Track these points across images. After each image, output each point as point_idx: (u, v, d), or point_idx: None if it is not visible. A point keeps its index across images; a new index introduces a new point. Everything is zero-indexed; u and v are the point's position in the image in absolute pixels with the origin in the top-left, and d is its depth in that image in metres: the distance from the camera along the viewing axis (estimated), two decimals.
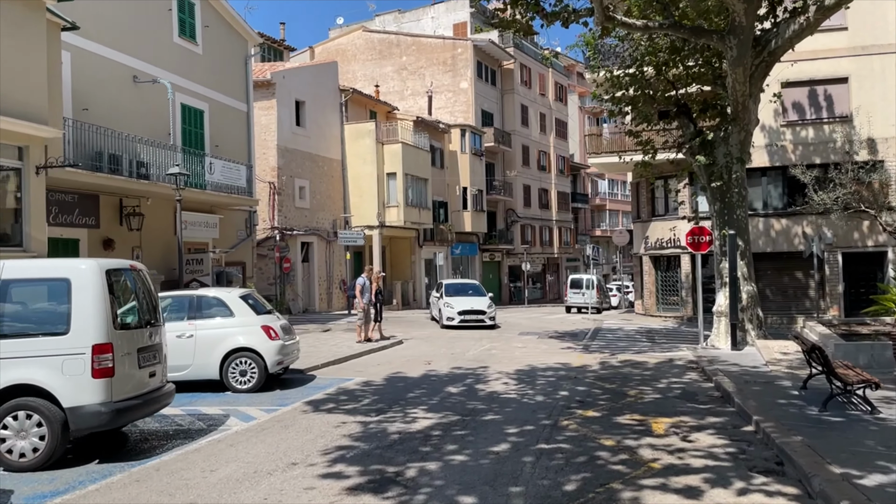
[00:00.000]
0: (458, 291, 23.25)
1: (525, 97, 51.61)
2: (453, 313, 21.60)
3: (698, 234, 16.54)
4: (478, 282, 25.00)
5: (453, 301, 22.09)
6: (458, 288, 23.78)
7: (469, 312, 21.64)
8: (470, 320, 21.54)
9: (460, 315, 21.53)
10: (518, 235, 49.65)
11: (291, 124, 29.24)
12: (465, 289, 23.78)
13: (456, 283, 24.76)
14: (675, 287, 27.08)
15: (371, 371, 12.85)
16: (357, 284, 17.84)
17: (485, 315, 21.86)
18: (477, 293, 23.31)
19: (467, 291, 23.38)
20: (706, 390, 10.65)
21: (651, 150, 17.78)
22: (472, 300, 22.34)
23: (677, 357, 14.93)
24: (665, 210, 27.34)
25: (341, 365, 13.71)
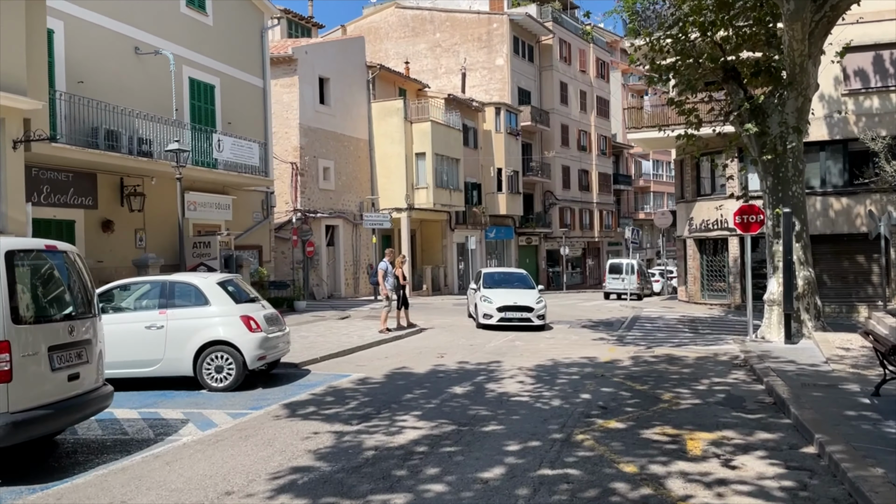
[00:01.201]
0: (500, 282, 18.88)
1: (564, 74, 49.51)
2: (491, 309, 17.05)
3: (748, 213, 14.72)
4: (524, 271, 20.55)
5: (492, 294, 17.61)
6: (500, 278, 19.43)
7: (511, 309, 17.01)
8: (513, 319, 16.96)
9: (500, 312, 16.97)
10: (556, 218, 47.81)
11: (315, 102, 28.07)
12: (508, 279, 19.42)
13: (498, 273, 20.37)
14: (722, 272, 25.11)
15: (374, 365, 11.57)
16: (379, 269, 16.51)
17: (532, 312, 17.11)
18: (524, 284, 18.88)
19: (512, 283, 19.00)
20: (755, 394, 9.04)
21: (696, 121, 15.94)
22: (516, 293, 17.81)
23: (722, 352, 13.26)
24: (711, 189, 25.30)
25: (344, 358, 12.46)
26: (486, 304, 17.22)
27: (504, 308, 17.03)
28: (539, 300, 17.50)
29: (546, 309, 17.70)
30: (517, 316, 17.00)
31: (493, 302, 17.16)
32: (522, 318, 17.01)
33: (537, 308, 17.25)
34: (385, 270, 16.28)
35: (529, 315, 17.06)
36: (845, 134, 22.19)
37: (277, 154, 27.02)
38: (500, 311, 16.95)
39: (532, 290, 18.34)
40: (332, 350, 12.82)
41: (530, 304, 17.26)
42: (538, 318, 17.17)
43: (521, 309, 17.06)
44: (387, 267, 16.33)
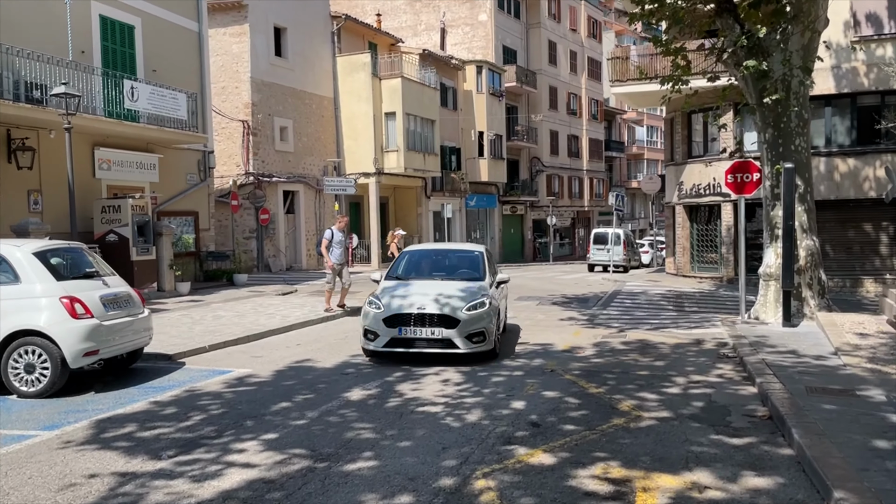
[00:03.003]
0: (430, 268, 10.80)
1: (553, 32, 46.60)
2: (376, 321, 8.97)
3: (742, 171, 12.38)
4: (481, 248, 11.42)
5: (395, 292, 9.45)
6: (431, 261, 11.11)
7: (416, 321, 8.88)
8: (418, 341, 8.89)
9: (391, 327, 8.89)
10: (543, 186, 45.36)
11: (269, 54, 25.43)
12: (446, 262, 11.09)
13: (432, 251, 12.17)
14: (714, 242, 22.82)
15: (274, 356, 9.31)
16: (323, 238, 13.91)
17: (457, 328, 8.81)
18: (470, 272, 10.37)
19: (450, 269, 10.72)
20: (744, 402, 6.79)
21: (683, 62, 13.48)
22: (441, 289, 9.46)
23: (708, 336, 11.01)
24: (704, 150, 22.87)
25: (244, 346, 10.19)
26: (373, 311, 8.97)
27: (400, 319, 8.79)
28: (481, 302, 9.03)
29: (497, 318, 9.38)
30: (426, 335, 8.76)
31: (384, 307, 8.96)
32: (436, 340, 8.76)
33: (471, 318, 8.78)
34: (330, 239, 13.70)
35: (452, 333, 8.71)
36: (854, 87, 19.73)
37: (224, 110, 24.52)
38: (392, 326, 8.77)
39: (477, 282, 9.79)
40: (234, 335, 10.55)
41: (456, 310, 8.83)
42: (470, 340, 8.76)
43: (434, 321, 8.77)
44: (332, 235, 13.87)
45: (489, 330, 8.92)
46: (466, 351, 8.77)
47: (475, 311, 8.89)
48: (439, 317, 8.80)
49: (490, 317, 8.98)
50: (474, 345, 8.80)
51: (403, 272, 10.48)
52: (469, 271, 10.35)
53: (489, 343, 8.95)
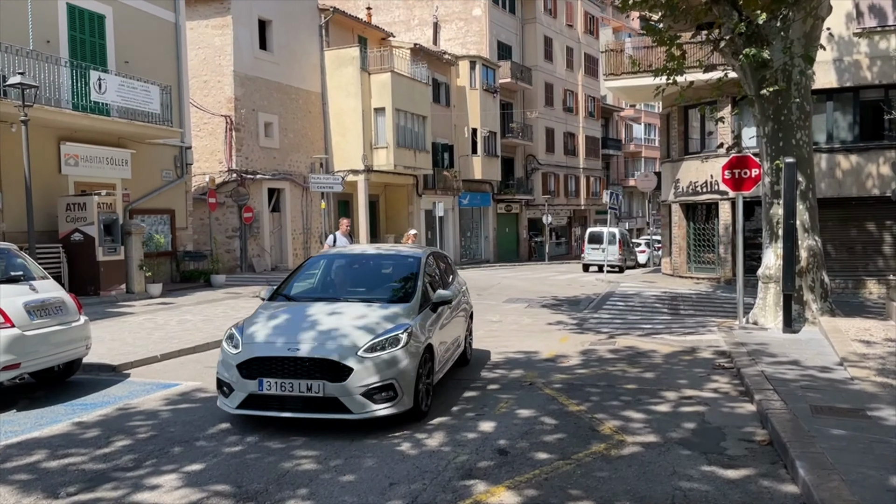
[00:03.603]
0: (340, 282, 7.55)
1: (549, 28, 45.85)
2: (229, 368, 5.91)
3: (740, 167, 11.63)
4: (424, 252, 7.77)
5: (269, 324, 6.25)
6: (346, 270, 7.78)
7: (286, 369, 5.73)
8: (287, 400, 5.72)
9: (247, 377, 5.77)
10: (539, 184, 44.62)
11: (254, 48, 24.65)
12: (365, 272, 7.76)
13: (351, 256, 8.04)
14: (711, 242, 22.08)
15: None
16: (325, 244, 12.91)
17: (348, 382, 5.66)
18: (395, 287, 7.17)
19: (368, 284, 7.35)
20: (742, 423, 6.05)
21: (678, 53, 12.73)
22: (338, 314, 6.31)
23: (703, 343, 10.27)
24: (701, 146, 22.13)
25: (200, 355, 9.44)
26: (227, 351, 6.09)
27: (262, 365, 5.80)
28: (393, 338, 5.99)
29: (426, 359, 6.32)
30: (299, 392, 5.68)
31: (242, 345, 6.01)
32: (314, 400, 5.69)
33: (372, 365, 5.77)
34: (332, 245, 12.35)
35: (338, 389, 5.66)
36: (857, 80, 18.99)
37: (207, 105, 23.77)
38: (250, 377, 5.77)
39: (399, 305, 6.62)
40: (194, 343, 9.80)
41: (347, 352, 5.78)
42: (371, 398, 5.73)
43: (311, 370, 5.72)
44: (335, 240, 12.54)
45: (404, 380, 5.80)
46: (361, 416, 5.58)
47: (380, 354, 5.76)
48: (319, 363, 5.61)
49: (407, 360, 5.85)
50: (378, 405, 5.63)
51: (298, 289, 7.23)
52: (394, 288, 7.05)
53: (403, 401, 5.79)
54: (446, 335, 7.23)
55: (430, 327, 6.60)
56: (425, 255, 7.64)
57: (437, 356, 6.71)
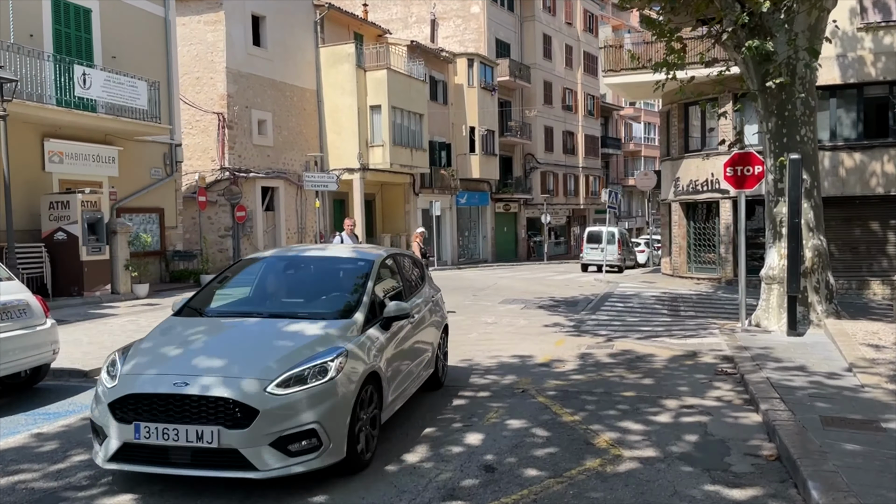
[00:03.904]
0: (273, 290, 6.15)
1: (548, 26, 45.47)
2: (102, 411, 4.45)
3: (742, 164, 11.24)
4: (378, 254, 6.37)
5: (168, 346, 4.90)
6: (283, 276, 6.34)
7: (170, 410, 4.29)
8: (172, 451, 4.26)
9: (123, 422, 4.32)
10: (538, 184, 44.26)
11: (247, 44, 24.25)
12: (305, 278, 6.35)
13: (292, 258, 6.61)
14: (712, 241, 21.68)
15: None
16: None
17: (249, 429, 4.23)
18: (338, 297, 5.79)
19: (307, 292, 6.02)
20: (747, 434, 5.66)
21: (679, 46, 12.34)
22: (256, 334, 5.10)
23: (705, 347, 9.87)
24: (701, 144, 21.72)
25: None
26: (101, 386, 4.62)
27: (140, 404, 4.35)
28: (318, 368, 4.56)
29: (370, 394, 4.99)
30: (185, 441, 4.21)
31: (119, 377, 4.54)
32: (206, 452, 4.22)
33: (286, 404, 4.34)
34: None
35: (238, 438, 4.22)
36: (861, 77, 18.59)
37: (199, 102, 23.37)
38: (125, 420, 4.34)
39: (339, 322, 5.19)
40: None
41: (251, 387, 4.35)
42: (284, 450, 4.30)
43: (202, 411, 4.27)
44: (341, 241, 11.92)
45: (332, 423, 4.44)
46: (269, 474, 4.21)
47: (298, 389, 4.37)
48: (213, 403, 4.24)
49: (337, 396, 4.49)
50: (294, 458, 4.30)
51: (217, 300, 5.90)
52: (334, 300, 5.65)
53: (331, 451, 4.44)
54: (404, 357, 5.86)
55: (379, 350, 5.23)
56: (380, 259, 6.21)
57: (388, 386, 5.32)
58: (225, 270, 6.36)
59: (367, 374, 4.88)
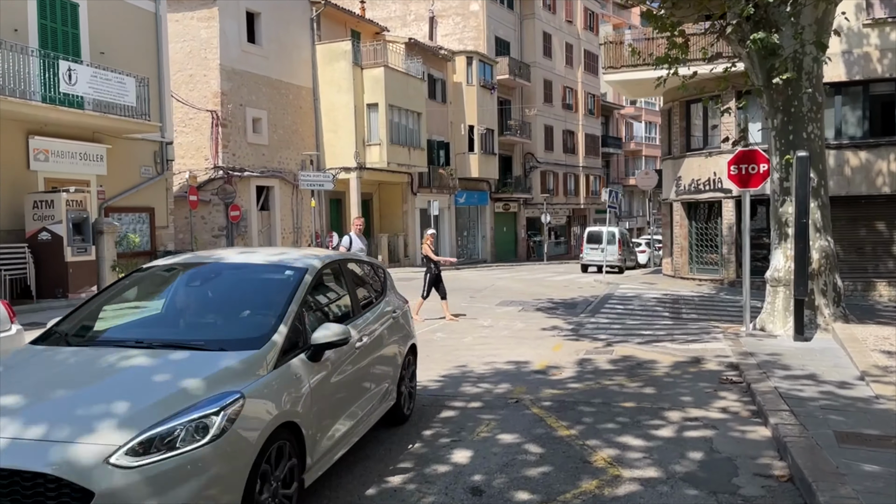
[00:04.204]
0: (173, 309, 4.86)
1: (548, 24, 45.09)
2: None
3: (747, 162, 10.84)
4: (314, 261, 4.96)
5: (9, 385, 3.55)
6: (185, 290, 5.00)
7: None
8: None
9: None
10: (538, 183, 43.88)
11: (241, 40, 23.89)
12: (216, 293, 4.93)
13: (204, 269, 5.10)
14: (714, 242, 21.28)
15: None
16: (341, 247, 11.49)
17: None
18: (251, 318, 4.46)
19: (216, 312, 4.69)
20: (756, 451, 5.26)
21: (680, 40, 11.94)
22: (123, 372, 3.71)
23: (708, 352, 9.47)
24: (703, 142, 21.32)
25: None
26: None
27: None
28: (198, 425, 3.24)
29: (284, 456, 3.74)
30: None
31: None
32: None
33: (141, 481, 3.01)
34: (348, 248, 11.09)
35: None
36: (867, 74, 18.18)
37: (192, 100, 23.01)
38: None
39: (245, 354, 3.82)
40: None
41: (89, 460, 3.00)
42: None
43: (7, 489, 2.97)
44: (350, 242, 11.31)
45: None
46: None
47: (161, 458, 3.11)
48: (29, 480, 2.99)
49: (220, 465, 3.25)
50: None
51: (94, 323, 4.57)
52: (245, 322, 4.44)
53: None
54: (346, 394, 4.63)
55: (300, 389, 3.94)
56: (315, 269, 4.77)
57: (316, 439, 4.08)
58: (115, 283, 5.05)
59: (277, 425, 3.60)
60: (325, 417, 4.26)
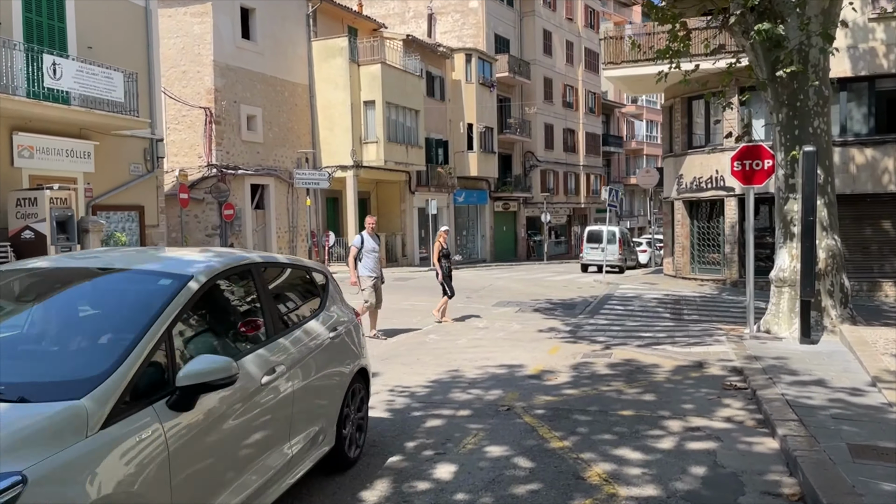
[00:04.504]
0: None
1: (549, 21, 44.67)
2: None
3: (751, 158, 10.45)
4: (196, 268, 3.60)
5: None
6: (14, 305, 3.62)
7: None
8: None
9: None
10: (538, 182, 43.45)
11: (235, 36, 23.49)
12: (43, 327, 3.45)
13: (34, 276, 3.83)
14: (717, 241, 20.87)
15: None
16: (352, 247, 10.92)
17: None
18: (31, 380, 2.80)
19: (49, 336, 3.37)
20: (763, 465, 4.88)
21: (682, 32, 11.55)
22: None
23: (711, 356, 9.08)
24: (706, 140, 20.91)
25: None
26: None
27: None
28: None
29: None
30: None
31: None
32: None
33: None
34: (359, 247, 10.64)
35: None
36: (872, 69, 17.80)
37: (185, 97, 22.64)
38: None
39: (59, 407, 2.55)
40: None
41: None
42: None
43: None
44: (361, 242, 10.70)
45: None
46: None
47: None
48: None
49: None
50: None
51: None
52: (74, 356, 3.10)
53: None
54: (239, 455, 3.38)
55: (147, 460, 2.72)
56: (207, 276, 3.56)
57: None
58: None
59: None
60: (197, 495, 3.01)
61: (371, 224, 11.15)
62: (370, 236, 10.85)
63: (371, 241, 10.78)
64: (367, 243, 10.71)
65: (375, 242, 10.85)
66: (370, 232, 10.94)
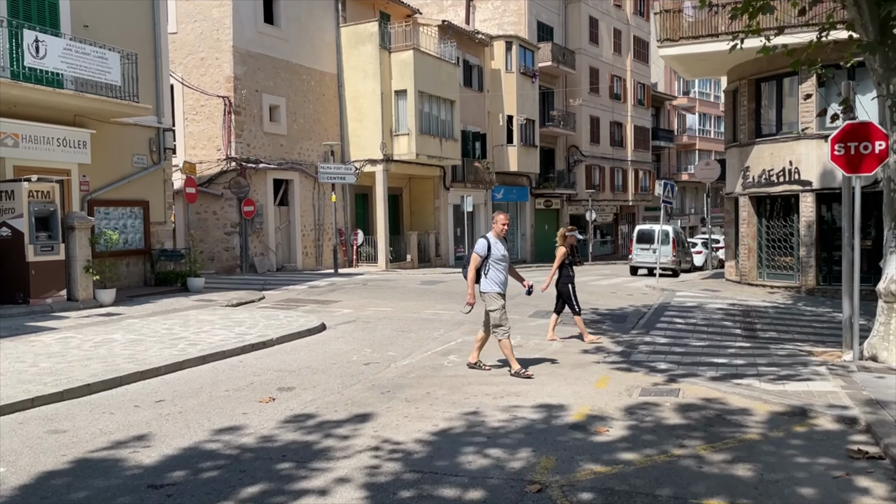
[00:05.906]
0: None
1: (595, 8, 42.21)
2: None
3: (857, 139, 8.23)
4: None
5: None
6: None
7: None
8: None
9: None
10: (582, 178, 41.11)
11: (257, 21, 21.97)
12: None
13: None
14: (789, 243, 18.36)
15: (84, 433, 5.68)
16: (474, 254, 8.12)
17: None
18: None
19: None
20: None
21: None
22: None
23: (815, 398, 6.87)
24: (777, 126, 18.41)
25: (67, 405, 6.58)
26: None
27: None
28: None
29: None
30: None
31: None
32: None
33: None
34: (484, 255, 8.04)
35: None
36: None
37: (204, 85, 21.22)
38: None
39: None
40: (66, 384, 6.94)
41: None
42: None
43: None
44: (488, 247, 8.06)
45: None
46: None
47: None
48: None
49: None
50: None
51: None
52: None
53: None
54: None
55: None
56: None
57: None
58: None
59: None
60: None
61: (502, 222, 8.20)
62: (498, 240, 8.15)
63: (500, 248, 8.11)
64: (494, 250, 8.05)
65: (504, 248, 8.20)
66: (498, 235, 8.18)
